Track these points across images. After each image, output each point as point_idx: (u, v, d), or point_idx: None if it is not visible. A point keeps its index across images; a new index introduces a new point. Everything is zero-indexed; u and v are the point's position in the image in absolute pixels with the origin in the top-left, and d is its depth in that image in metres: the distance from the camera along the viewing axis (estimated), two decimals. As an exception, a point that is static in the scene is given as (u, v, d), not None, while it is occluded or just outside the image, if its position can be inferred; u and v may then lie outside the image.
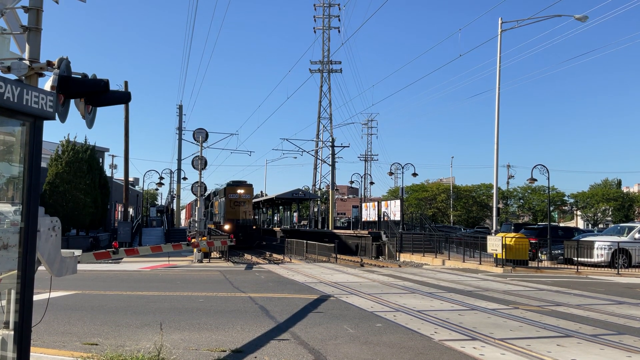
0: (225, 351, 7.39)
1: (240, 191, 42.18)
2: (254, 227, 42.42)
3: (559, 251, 25.51)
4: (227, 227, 39.62)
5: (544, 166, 27.02)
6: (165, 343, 7.51)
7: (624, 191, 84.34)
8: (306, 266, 23.85)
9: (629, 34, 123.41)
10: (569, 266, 23.45)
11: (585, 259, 23.29)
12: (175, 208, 59.26)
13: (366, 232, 38.63)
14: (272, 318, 10.16)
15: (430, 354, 7.44)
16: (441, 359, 7.21)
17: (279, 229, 58.30)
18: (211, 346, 7.67)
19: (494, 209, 29.60)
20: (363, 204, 45.62)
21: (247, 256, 33.51)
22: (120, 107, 39.07)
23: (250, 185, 44.54)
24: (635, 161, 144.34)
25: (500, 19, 28.62)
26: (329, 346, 7.83)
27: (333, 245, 30.02)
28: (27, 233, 4.05)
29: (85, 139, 37.36)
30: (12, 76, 5.59)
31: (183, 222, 75.84)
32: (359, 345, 7.94)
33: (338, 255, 29.71)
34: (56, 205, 32.12)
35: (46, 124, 4.51)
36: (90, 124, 6.74)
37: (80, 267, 6.28)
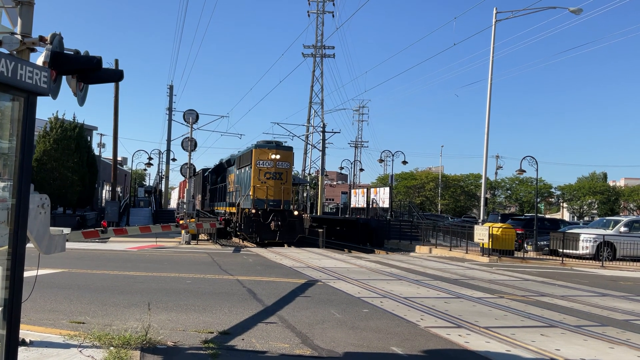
0: (212, 332, 7.41)
1: (276, 156, 27.36)
2: (296, 212, 28.11)
3: (545, 242, 25.77)
4: (254, 211, 26.63)
5: (533, 158, 27.22)
6: (153, 323, 7.53)
7: (610, 185, 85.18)
8: (294, 250, 23.89)
9: (622, 28, 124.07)
10: (554, 257, 23.71)
11: (571, 251, 23.56)
12: (163, 189, 59.05)
13: (354, 218, 38.76)
14: (259, 301, 10.19)
15: (417, 340, 7.51)
16: (427, 345, 7.28)
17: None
18: (198, 327, 7.68)
19: (482, 199, 29.75)
20: (352, 191, 45.78)
21: (235, 239, 32.88)
22: (110, 86, 38.54)
23: (290, 149, 29.40)
24: (622, 155, 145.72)
25: (495, 8, 28.56)
26: (316, 330, 7.87)
27: (321, 230, 30.09)
28: (19, 210, 4.02)
29: (74, 117, 37.11)
30: (3, 50, 5.50)
31: (173, 203, 75.61)
32: (346, 330, 7.99)
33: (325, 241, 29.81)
34: (43, 183, 31.88)
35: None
36: (81, 101, 6.66)
37: (66, 245, 6.24)
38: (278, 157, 27.53)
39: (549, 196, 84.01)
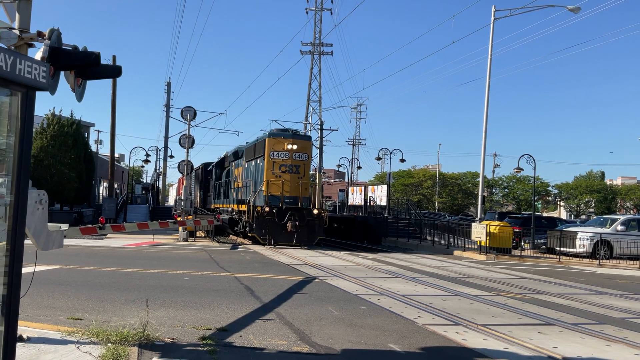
0: (210, 329, 7.41)
1: (292, 146, 23.91)
2: (316, 211, 24.34)
3: (542, 240, 25.84)
4: (267, 209, 23.21)
5: (530, 156, 27.30)
6: (151, 320, 7.52)
7: (607, 183, 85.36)
8: (291, 248, 23.86)
9: (621, 27, 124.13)
10: (551, 255, 23.78)
11: (568, 249, 23.62)
12: (161, 186, 58.99)
13: (352, 216, 38.76)
14: (257, 298, 10.19)
15: (414, 337, 7.52)
16: (424, 342, 7.29)
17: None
18: (196, 324, 7.68)
19: (480, 198, 29.78)
20: (350, 188, 45.76)
21: (232, 236, 32.58)
22: (107, 82, 38.34)
23: (309, 138, 26.16)
24: (619, 154, 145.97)
25: (493, 7, 28.56)
26: (313, 327, 7.88)
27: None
28: (17, 206, 4.01)
29: (71, 113, 36.94)
30: (1, 45, 5.48)
31: (172, 200, 75.46)
32: (343, 327, 8.00)
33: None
34: (40, 179, 31.78)
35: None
36: (79, 97, 6.64)
37: (64, 241, 6.23)
38: (295, 147, 23.92)
39: (546, 195, 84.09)
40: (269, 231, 23.23)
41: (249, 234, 24.19)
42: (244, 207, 25.35)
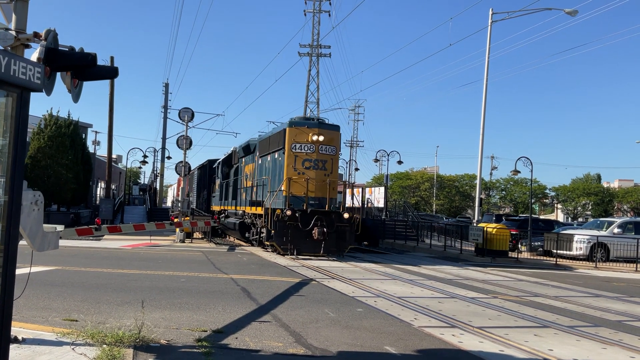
0: (206, 331, 7.40)
1: (318, 137, 19.92)
2: (347, 215, 20.58)
3: (539, 243, 25.86)
4: (289, 213, 19.13)
5: (527, 159, 27.35)
6: (146, 321, 7.49)
7: (605, 186, 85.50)
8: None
9: (619, 30, 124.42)
10: (548, 258, 23.79)
11: (564, 252, 23.65)
12: (158, 187, 58.89)
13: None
14: (253, 300, 10.18)
15: (410, 339, 7.52)
16: (420, 345, 7.29)
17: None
18: (192, 326, 7.67)
19: (477, 200, 29.81)
20: (347, 190, 45.71)
21: (230, 238, 32.34)
22: (105, 83, 38.24)
23: (337, 128, 21.36)
24: (616, 157, 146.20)
25: (491, 9, 28.61)
26: (309, 329, 7.87)
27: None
28: (11, 207, 4.00)
29: (69, 114, 36.90)
30: (-3, 46, 5.48)
31: (170, 201, 75.35)
32: (339, 329, 7.99)
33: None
34: (37, 180, 31.74)
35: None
36: (76, 98, 6.63)
37: (60, 243, 6.22)
38: (321, 138, 19.86)
39: (543, 197, 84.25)
40: (291, 239, 19.53)
41: (267, 243, 20.92)
42: (258, 210, 21.81)
